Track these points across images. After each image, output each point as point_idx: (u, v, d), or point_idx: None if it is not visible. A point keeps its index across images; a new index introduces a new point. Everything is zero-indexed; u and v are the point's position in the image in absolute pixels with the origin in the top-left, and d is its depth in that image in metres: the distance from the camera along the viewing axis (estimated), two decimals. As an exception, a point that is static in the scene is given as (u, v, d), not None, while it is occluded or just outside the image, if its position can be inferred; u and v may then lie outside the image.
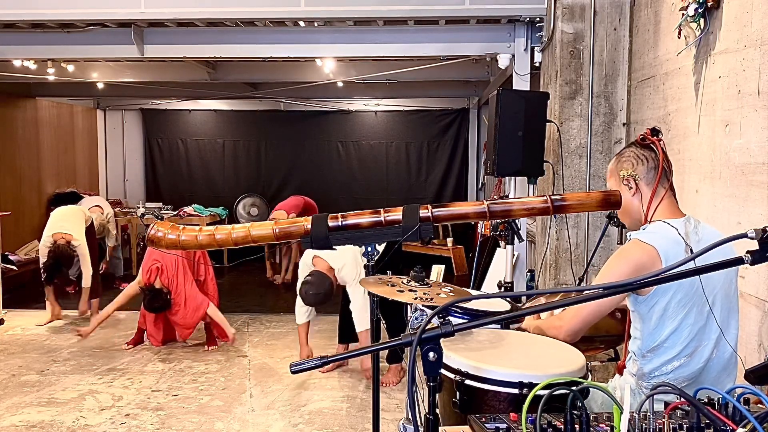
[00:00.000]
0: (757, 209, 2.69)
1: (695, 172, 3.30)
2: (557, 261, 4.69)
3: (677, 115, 3.56)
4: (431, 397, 1.38)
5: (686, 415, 1.41)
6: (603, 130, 4.62)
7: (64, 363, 5.26)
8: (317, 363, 1.33)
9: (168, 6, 5.14)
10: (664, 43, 3.78)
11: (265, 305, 7.24)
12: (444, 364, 1.80)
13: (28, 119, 9.10)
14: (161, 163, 10.84)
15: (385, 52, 5.66)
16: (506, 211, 2.25)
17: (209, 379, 4.89)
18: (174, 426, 4.09)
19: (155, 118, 10.80)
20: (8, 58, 6.19)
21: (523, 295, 3.51)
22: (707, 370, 2.04)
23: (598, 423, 1.44)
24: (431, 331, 1.31)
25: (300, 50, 5.76)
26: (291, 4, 5.08)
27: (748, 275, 2.71)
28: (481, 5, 5.00)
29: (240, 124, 10.73)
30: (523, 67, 5.25)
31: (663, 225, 2.06)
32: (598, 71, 4.58)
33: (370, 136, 10.66)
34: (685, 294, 2.00)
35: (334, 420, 4.17)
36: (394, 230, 2.12)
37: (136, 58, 5.84)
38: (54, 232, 6.22)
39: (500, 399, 1.77)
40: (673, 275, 1.36)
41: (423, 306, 2.01)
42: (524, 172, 4.12)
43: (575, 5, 4.57)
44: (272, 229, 2.18)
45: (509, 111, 4.02)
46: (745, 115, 2.78)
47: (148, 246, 3.48)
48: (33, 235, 8.65)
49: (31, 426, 4.08)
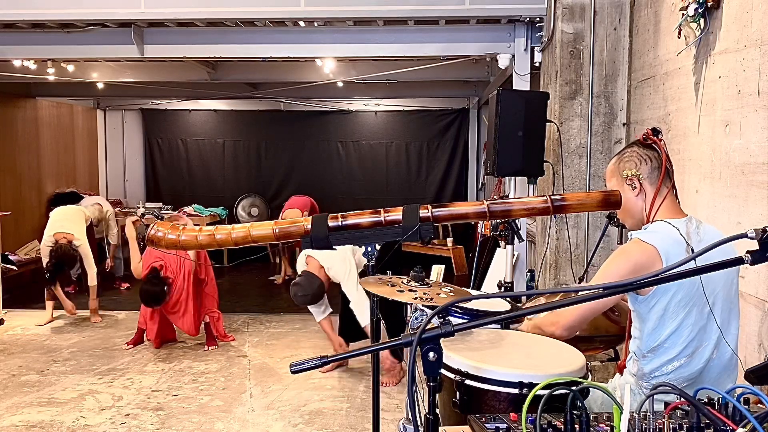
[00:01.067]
0: (757, 209, 2.69)
1: (695, 172, 3.30)
2: (557, 261, 4.69)
3: (677, 115, 3.56)
4: (431, 397, 1.38)
5: (686, 415, 1.41)
6: (603, 130, 4.62)
7: (64, 363, 5.26)
8: (317, 363, 1.32)
9: (168, 6, 5.14)
10: (664, 43, 3.78)
11: (265, 305, 7.24)
12: (444, 364, 1.80)
13: (28, 119, 9.10)
14: (161, 163, 10.83)
15: (385, 52, 5.66)
16: (506, 211, 2.24)
17: (209, 379, 4.89)
18: (174, 426, 4.09)
19: (155, 118, 10.79)
20: (8, 58, 6.19)
21: (523, 295, 3.51)
22: (707, 371, 2.04)
23: (598, 423, 1.44)
24: (431, 331, 1.31)
25: (300, 50, 5.76)
26: (291, 4, 5.08)
27: (748, 275, 2.71)
28: (481, 5, 5.00)
29: (240, 124, 10.73)
30: (523, 67, 5.25)
31: (664, 225, 2.05)
32: (598, 71, 4.58)
33: (370, 136, 10.66)
34: (686, 294, 1.99)
35: (334, 420, 4.17)
36: (394, 230, 2.12)
37: (136, 58, 5.84)
38: (55, 232, 6.22)
39: (500, 399, 1.77)
40: (674, 275, 1.36)
41: (423, 306, 2.01)
42: (524, 172, 4.12)
43: (575, 5, 4.57)
44: (272, 229, 2.17)
45: (509, 111, 4.01)
46: (745, 115, 2.78)
47: (148, 246, 3.48)
48: (33, 235, 8.65)
49: (31, 426, 4.08)
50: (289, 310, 7.01)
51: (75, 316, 6.54)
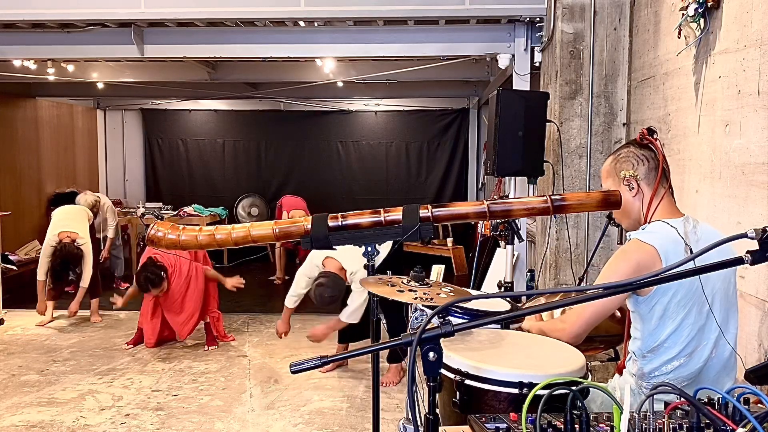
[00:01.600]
0: (757, 209, 2.69)
1: (695, 172, 3.30)
2: (557, 261, 4.69)
3: (677, 115, 3.56)
4: (431, 397, 1.38)
5: (686, 415, 1.41)
6: (603, 130, 4.62)
7: (64, 363, 5.26)
8: (317, 363, 1.32)
9: (168, 6, 5.14)
10: (664, 43, 3.78)
11: (265, 305, 7.24)
12: (444, 364, 1.80)
13: (28, 119, 9.10)
14: (161, 163, 10.84)
15: (385, 52, 5.66)
16: (506, 211, 2.24)
17: (209, 379, 4.89)
18: (174, 426, 4.09)
19: (155, 118, 10.80)
20: (8, 58, 6.19)
21: (523, 295, 3.51)
22: (707, 370, 2.04)
23: (598, 423, 1.44)
24: (431, 331, 1.31)
25: (300, 50, 5.76)
26: (291, 4, 5.08)
27: (748, 275, 2.71)
28: (481, 5, 5.00)
29: (240, 124, 10.73)
30: (523, 67, 5.25)
31: (662, 225, 2.06)
32: (598, 71, 4.58)
33: (370, 136, 10.66)
34: (685, 294, 2.00)
35: (334, 420, 4.17)
36: (394, 230, 2.12)
37: (136, 58, 5.84)
38: (59, 231, 6.21)
39: (500, 399, 1.77)
40: (673, 275, 1.36)
41: (423, 306, 2.00)
42: (524, 172, 4.12)
43: (575, 5, 4.57)
44: (272, 228, 2.18)
45: (509, 111, 4.01)
46: (745, 115, 2.78)
47: (148, 246, 3.48)
48: (33, 235, 8.65)
49: (31, 426, 4.08)
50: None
51: (75, 316, 6.53)
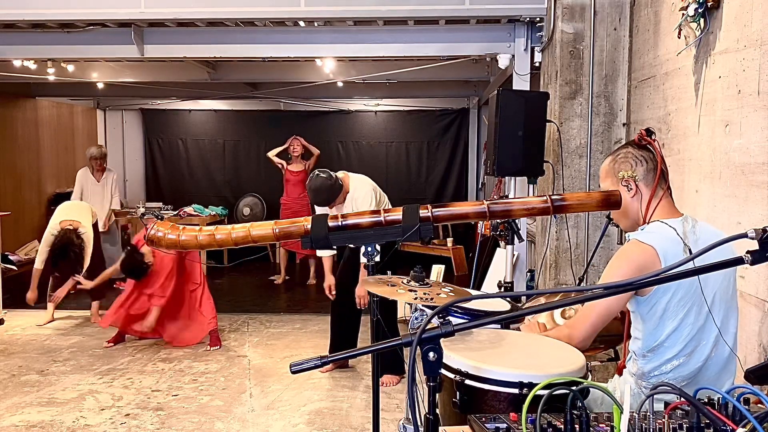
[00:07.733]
0: (757, 209, 2.69)
1: (695, 172, 3.30)
2: (557, 261, 4.69)
3: (677, 115, 3.56)
4: (431, 397, 1.38)
5: (686, 415, 1.41)
6: (603, 130, 4.62)
7: (64, 363, 5.26)
8: (317, 363, 1.32)
9: (168, 6, 5.15)
10: (664, 43, 3.78)
11: (265, 305, 7.24)
12: (444, 364, 1.80)
13: (28, 119, 9.10)
14: (161, 163, 10.83)
15: (385, 52, 5.67)
16: (506, 211, 2.24)
17: (209, 379, 4.89)
18: (174, 426, 4.09)
19: (155, 118, 10.79)
20: (8, 58, 6.20)
21: (523, 295, 3.51)
22: (706, 369, 2.04)
23: (598, 423, 1.45)
24: (431, 331, 1.31)
25: (300, 50, 5.76)
26: (291, 4, 5.08)
27: (748, 275, 2.71)
28: (481, 5, 5.00)
29: (240, 124, 10.72)
30: (523, 67, 5.25)
31: (661, 225, 2.06)
32: (598, 71, 4.58)
33: (370, 136, 10.65)
34: (685, 293, 2.00)
35: (334, 420, 4.17)
36: (394, 230, 2.12)
37: (136, 58, 5.84)
38: (62, 220, 6.20)
39: (500, 399, 1.77)
40: (673, 275, 1.36)
41: (423, 306, 2.00)
42: (524, 172, 4.12)
43: (575, 5, 4.57)
44: (272, 228, 2.17)
45: (509, 111, 4.02)
46: (745, 115, 2.78)
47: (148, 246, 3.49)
48: (33, 235, 8.66)
49: (31, 426, 4.08)
50: (289, 310, 7.02)
51: (75, 316, 6.53)
